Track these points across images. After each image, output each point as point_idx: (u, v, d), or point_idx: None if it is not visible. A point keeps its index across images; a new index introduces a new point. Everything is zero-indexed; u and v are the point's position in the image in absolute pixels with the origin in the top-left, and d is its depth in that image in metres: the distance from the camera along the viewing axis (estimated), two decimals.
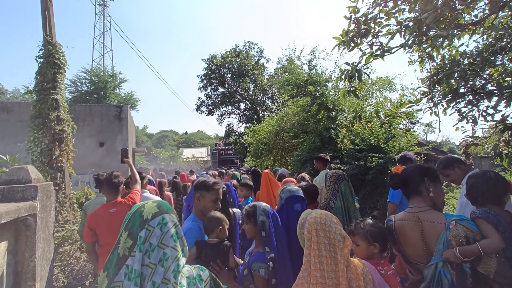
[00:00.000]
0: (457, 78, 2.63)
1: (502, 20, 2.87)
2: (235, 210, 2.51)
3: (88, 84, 23.27)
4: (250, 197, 4.06)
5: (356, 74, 2.70)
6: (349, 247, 1.32)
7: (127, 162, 3.32)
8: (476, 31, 2.91)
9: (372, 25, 2.69)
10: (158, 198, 3.43)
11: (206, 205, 2.01)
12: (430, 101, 3.08)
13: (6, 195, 2.29)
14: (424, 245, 1.56)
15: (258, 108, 25.11)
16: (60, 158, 4.25)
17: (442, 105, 3.03)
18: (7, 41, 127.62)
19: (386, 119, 6.70)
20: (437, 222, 1.55)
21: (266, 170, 4.37)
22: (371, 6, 2.69)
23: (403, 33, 2.58)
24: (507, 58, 2.82)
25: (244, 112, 26.39)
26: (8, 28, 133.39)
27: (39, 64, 4.33)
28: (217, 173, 8.42)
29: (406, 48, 2.65)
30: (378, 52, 2.64)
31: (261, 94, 25.58)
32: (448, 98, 2.93)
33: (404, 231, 1.64)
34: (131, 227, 0.98)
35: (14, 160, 4.47)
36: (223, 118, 26.88)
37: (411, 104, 3.26)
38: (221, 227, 1.89)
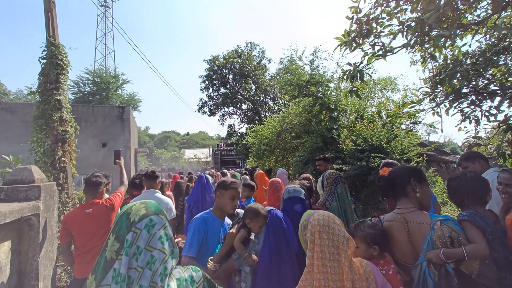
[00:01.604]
0: (460, 78, 2.62)
1: (505, 20, 2.85)
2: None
3: (90, 85, 23.42)
4: (252, 197, 4.08)
5: (358, 75, 2.70)
6: (352, 249, 1.30)
7: (119, 163, 3.43)
8: (479, 31, 2.90)
9: (374, 25, 2.69)
10: (168, 200, 3.40)
11: (225, 202, 2.13)
12: (432, 101, 3.07)
13: (9, 195, 2.31)
14: (411, 246, 1.56)
15: (260, 109, 25.08)
16: (63, 158, 4.27)
17: (445, 106, 3.01)
18: (10, 42, 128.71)
19: (388, 119, 6.67)
20: (423, 222, 1.56)
21: (261, 171, 4.37)
22: (373, 6, 2.69)
23: (405, 33, 2.57)
24: (510, 58, 2.80)
25: (246, 113, 26.35)
26: (11, 29, 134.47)
27: (42, 65, 4.34)
28: (214, 171, 8.59)
29: (408, 48, 2.65)
30: (380, 53, 2.63)
31: (263, 95, 25.53)
32: (451, 98, 2.92)
33: (391, 232, 1.64)
34: (118, 230, 0.97)
35: (17, 160, 4.50)
36: (225, 119, 26.86)
37: (413, 105, 3.25)
38: (249, 220, 1.90)
